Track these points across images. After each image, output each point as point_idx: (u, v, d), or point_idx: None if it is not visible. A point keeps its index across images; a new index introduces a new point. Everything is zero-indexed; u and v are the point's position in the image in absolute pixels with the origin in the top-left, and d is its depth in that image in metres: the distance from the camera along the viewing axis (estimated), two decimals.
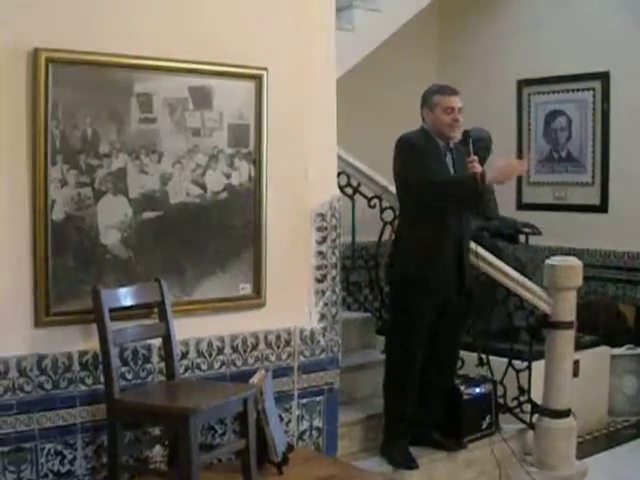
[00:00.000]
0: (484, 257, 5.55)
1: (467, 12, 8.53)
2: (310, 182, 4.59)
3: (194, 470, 3.59)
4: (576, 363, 5.92)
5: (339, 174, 5.07)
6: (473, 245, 5.41)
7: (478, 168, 4.97)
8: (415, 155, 4.98)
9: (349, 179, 5.65)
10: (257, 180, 4.38)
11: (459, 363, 5.58)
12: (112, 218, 3.94)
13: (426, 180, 4.89)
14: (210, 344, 4.30)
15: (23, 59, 3.66)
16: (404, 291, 5.08)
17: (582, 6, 7.77)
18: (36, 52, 3.66)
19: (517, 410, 5.69)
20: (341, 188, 5.25)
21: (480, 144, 6.37)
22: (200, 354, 4.27)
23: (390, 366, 5.16)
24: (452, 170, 5.07)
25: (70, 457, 3.88)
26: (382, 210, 5.66)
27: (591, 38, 7.67)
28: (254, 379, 4.24)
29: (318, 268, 4.66)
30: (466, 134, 5.13)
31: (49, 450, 3.82)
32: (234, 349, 4.38)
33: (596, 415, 6.73)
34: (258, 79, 4.33)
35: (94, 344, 3.82)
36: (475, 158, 5.00)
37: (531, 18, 8.13)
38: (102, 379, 3.83)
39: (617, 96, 7.63)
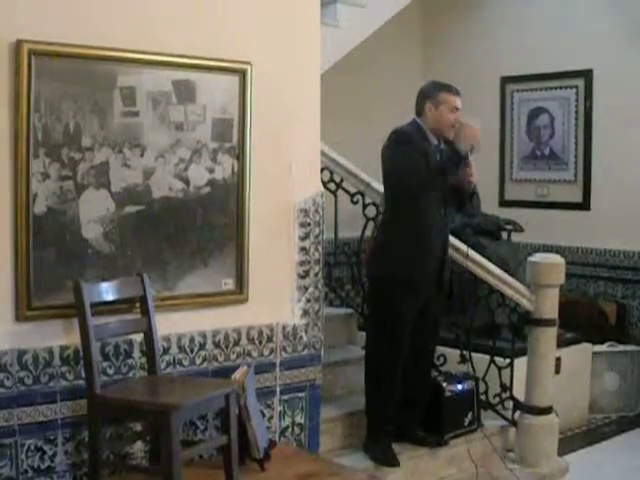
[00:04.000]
0: (466, 254, 5.54)
1: (451, 8, 8.54)
2: (293, 177, 4.58)
3: (175, 466, 3.57)
4: (558, 360, 5.94)
5: (322, 170, 5.06)
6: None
7: (474, 172, 4.91)
8: (408, 146, 4.90)
9: (332, 175, 5.65)
10: (240, 175, 4.36)
11: (441, 360, 5.59)
12: (94, 212, 3.92)
13: (415, 167, 4.82)
14: (192, 339, 4.28)
15: (5, 51, 3.63)
16: (387, 290, 5.05)
17: (566, 4, 7.79)
18: (19, 44, 3.63)
19: (499, 407, 5.70)
20: (324, 184, 5.23)
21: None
22: (182, 349, 4.25)
23: (371, 365, 5.15)
24: None
25: (50, 453, 3.86)
26: (365, 206, 5.65)
27: (575, 36, 7.70)
28: (236, 375, 4.23)
29: (301, 264, 4.64)
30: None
31: (29, 446, 3.79)
32: (216, 345, 4.36)
33: (577, 412, 6.75)
34: (242, 73, 4.31)
35: (75, 339, 3.80)
36: (471, 161, 4.91)
37: (515, 15, 8.15)
38: (83, 374, 3.81)
39: (600, 94, 7.66)
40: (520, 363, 5.67)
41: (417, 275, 4.98)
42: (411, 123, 5.05)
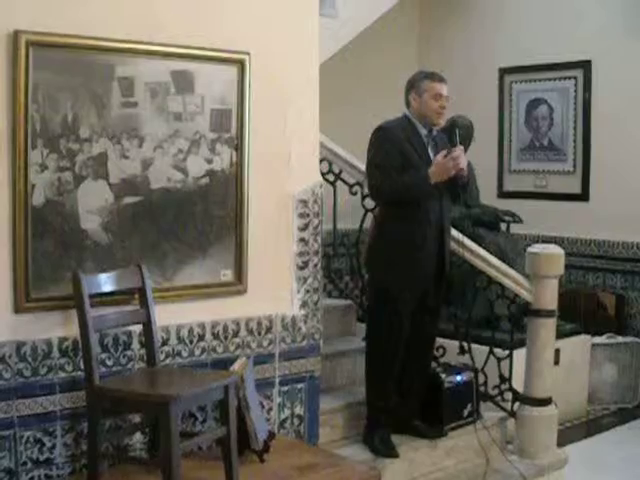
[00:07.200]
0: (465, 245, 5.54)
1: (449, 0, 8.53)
2: (292, 168, 4.56)
3: (174, 458, 3.56)
4: (557, 351, 5.94)
5: (321, 161, 5.04)
6: (459, 235, 5.39)
7: (463, 159, 4.92)
8: (385, 147, 4.93)
9: (331, 166, 5.63)
10: (239, 166, 4.35)
11: (440, 351, 5.59)
12: (93, 203, 3.90)
13: (383, 176, 4.90)
14: (191, 331, 4.27)
15: (3, 41, 3.60)
16: (385, 284, 5.05)
17: None
18: (16, 34, 3.61)
19: (498, 398, 5.69)
20: (323, 175, 5.22)
21: (462, 132, 6.37)
22: (181, 341, 4.25)
23: (371, 356, 5.14)
24: (433, 158, 5.03)
25: (49, 445, 3.85)
26: (363, 197, 5.64)
27: (573, 27, 7.70)
28: (235, 366, 4.22)
29: (300, 255, 4.63)
30: (453, 124, 5.09)
31: (28, 438, 3.78)
32: (215, 336, 4.35)
33: (576, 403, 6.77)
34: (240, 63, 4.29)
35: (74, 330, 3.79)
36: (461, 148, 4.95)
37: (513, 6, 8.15)
38: (82, 366, 3.80)
39: (599, 85, 7.66)
40: (519, 354, 5.66)
41: (415, 265, 4.97)
42: (400, 116, 5.09)
